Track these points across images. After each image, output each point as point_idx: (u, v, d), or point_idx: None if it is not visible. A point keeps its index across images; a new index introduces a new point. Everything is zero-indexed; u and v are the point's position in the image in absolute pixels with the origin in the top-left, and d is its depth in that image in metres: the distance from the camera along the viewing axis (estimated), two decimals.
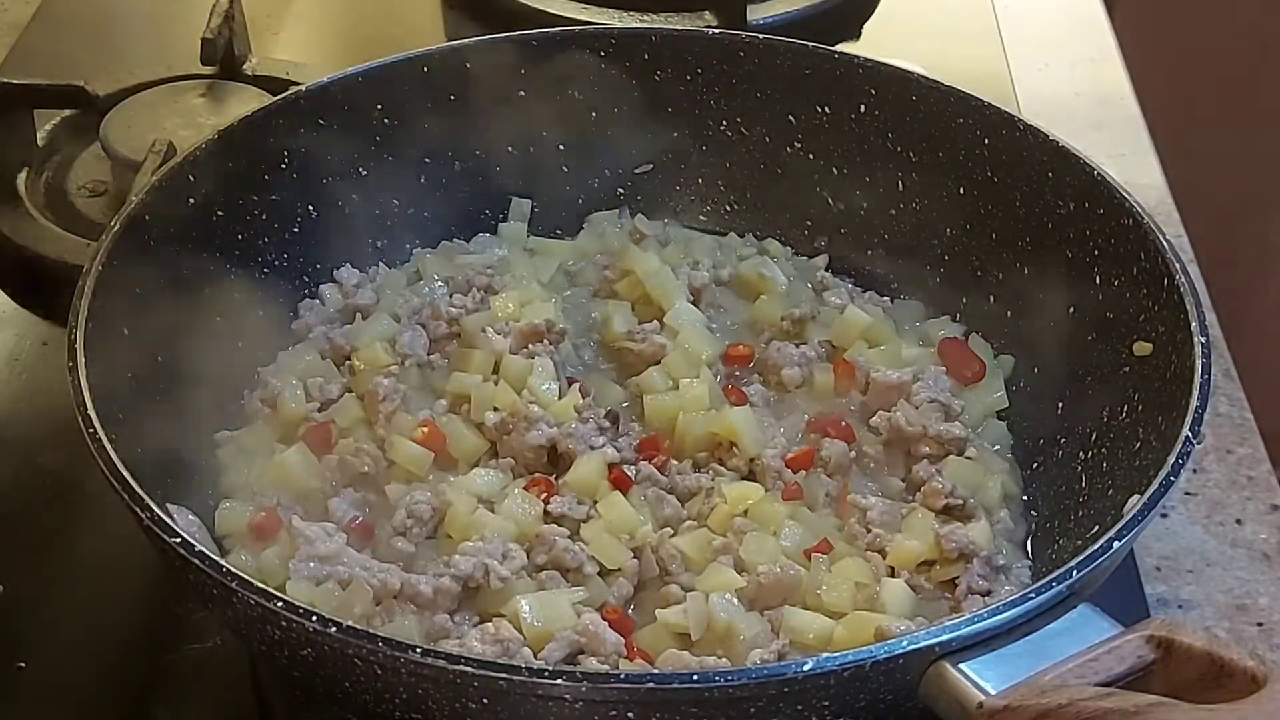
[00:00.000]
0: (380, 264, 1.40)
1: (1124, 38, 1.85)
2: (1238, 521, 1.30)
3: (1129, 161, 1.32)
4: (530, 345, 1.30)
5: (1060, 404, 1.26)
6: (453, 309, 1.34)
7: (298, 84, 1.39)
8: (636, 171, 1.47)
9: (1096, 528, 1.10)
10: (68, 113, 1.65)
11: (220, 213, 1.28)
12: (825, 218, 1.44)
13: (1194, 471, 1.33)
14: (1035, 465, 1.25)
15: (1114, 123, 1.74)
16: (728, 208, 1.47)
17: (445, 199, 1.43)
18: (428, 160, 1.41)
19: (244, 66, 1.68)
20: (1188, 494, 1.31)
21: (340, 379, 1.30)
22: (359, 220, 1.39)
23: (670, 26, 1.57)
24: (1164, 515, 1.29)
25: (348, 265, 1.38)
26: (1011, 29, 1.86)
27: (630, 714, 0.88)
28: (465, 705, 0.90)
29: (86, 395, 1.05)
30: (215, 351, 1.26)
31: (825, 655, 0.89)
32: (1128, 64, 1.83)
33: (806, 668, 0.88)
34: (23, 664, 1.15)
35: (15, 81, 1.61)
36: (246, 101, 1.60)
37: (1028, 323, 1.31)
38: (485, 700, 0.89)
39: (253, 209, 1.32)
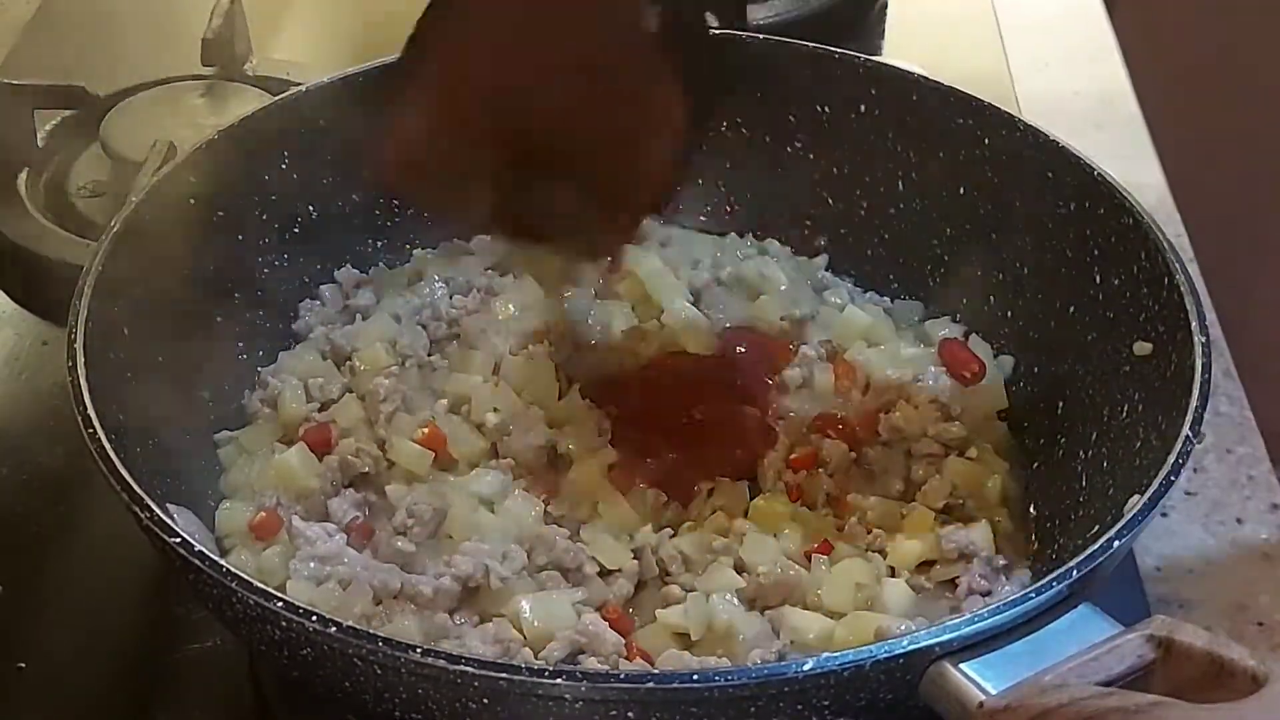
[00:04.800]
0: (380, 264, 1.40)
1: (1124, 37, 1.84)
2: (1238, 521, 1.29)
3: (1129, 161, 1.31)
4: (530, 346, 1.30)
5: (1060, 404, 1.25)
6: (453, 310, 1.34)
7: (298, 84, 1.39)
8: None
9: (1097, 527, 1.10)
10: (68, 113, 1.64)
11: (220, 213, 1.28)
12: (825, 217, 1.43)
13: (1194, 471, 1.33)
14: (1035, 465, 1.25)
15: (1114, 122, 1.74)
16: (728, 208, 1.46)
17: None
18: None
19: (244, 67, 1.68)
20: (1188, 494, 1.31)
21: (340, 379, 1.29)
22: (359, 220, 1.39)
23: None
24: (1164, 515, 1.28)
25: (348, 265, 1.38)
26: (1012, 29, 1.86)
27: (630, 714, 0.88)
28: (465, 705, 0.89)
29: (86, 396, 1.04)
30: (215, 351, 1.26)
31: (826, 655, 0.88)
32: (1128, 64, 1.82)
33: (807, 667, 0.87)
34: (23, 664, 1.15)
35: (15, 82, 1.61)
36: (247, 102, 1.59)
37: (1027, 323, 1.31)
38: (485, 700, 0.88)
39: (253, 209, 1.31)
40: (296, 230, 1.34)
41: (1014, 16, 1.89)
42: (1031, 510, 1.22)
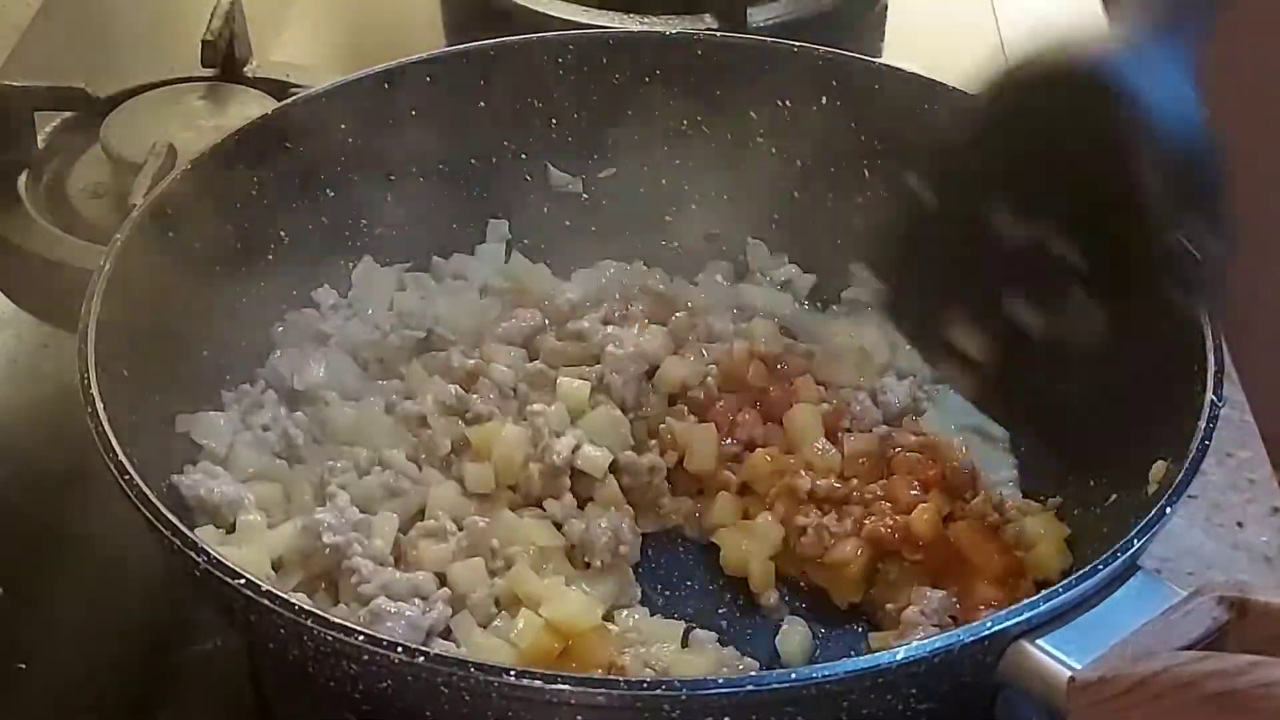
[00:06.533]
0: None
1: None
2: (1238, 524, 1.27)
3: None
4: None
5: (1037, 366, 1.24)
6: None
7: (298, 86, 1.35)
8: (600, 176, 1.42)
9: (1115, 496, 1.10)
10: (68, 114, 1.60)
11: (197, 244, 1.22)
12: (790, 210, 1.41)
13: None
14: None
15: None
16: (692, 206, 1.43)
17: (420, 217, 1.38)
18: (392, 178, 1.36)
19: (245, 69, 1.63)
20: (1188, 496, 1.28)
21: None
22: (332, 242, 1.34)
23: (625, 29, 1.53)
24: None
25: (325, 286, 1.33)
26: (1011, 29, 1.82)
27: (727, 717, 0.86)
28: None
29: (113, 440, 1.00)
30: (212, 376, 1.23)
31: (915, 644, 0.87)
32: None
33: (899, 657, 0.86)
34: (23, 664, 1.12)
35: (16, 83, 1.56)
36: (247, 104, 1.55)
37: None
38: (579, 717, 0.86)
39: (228, 239, 1.25)
40: (270, 257, 1.29)
41: (1013, 17, 1.85)
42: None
